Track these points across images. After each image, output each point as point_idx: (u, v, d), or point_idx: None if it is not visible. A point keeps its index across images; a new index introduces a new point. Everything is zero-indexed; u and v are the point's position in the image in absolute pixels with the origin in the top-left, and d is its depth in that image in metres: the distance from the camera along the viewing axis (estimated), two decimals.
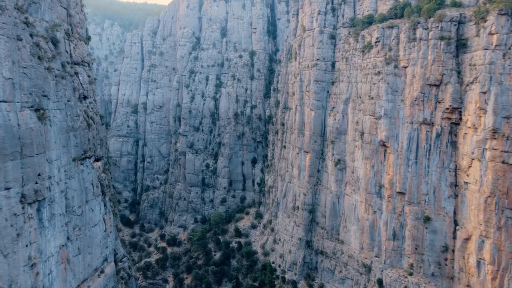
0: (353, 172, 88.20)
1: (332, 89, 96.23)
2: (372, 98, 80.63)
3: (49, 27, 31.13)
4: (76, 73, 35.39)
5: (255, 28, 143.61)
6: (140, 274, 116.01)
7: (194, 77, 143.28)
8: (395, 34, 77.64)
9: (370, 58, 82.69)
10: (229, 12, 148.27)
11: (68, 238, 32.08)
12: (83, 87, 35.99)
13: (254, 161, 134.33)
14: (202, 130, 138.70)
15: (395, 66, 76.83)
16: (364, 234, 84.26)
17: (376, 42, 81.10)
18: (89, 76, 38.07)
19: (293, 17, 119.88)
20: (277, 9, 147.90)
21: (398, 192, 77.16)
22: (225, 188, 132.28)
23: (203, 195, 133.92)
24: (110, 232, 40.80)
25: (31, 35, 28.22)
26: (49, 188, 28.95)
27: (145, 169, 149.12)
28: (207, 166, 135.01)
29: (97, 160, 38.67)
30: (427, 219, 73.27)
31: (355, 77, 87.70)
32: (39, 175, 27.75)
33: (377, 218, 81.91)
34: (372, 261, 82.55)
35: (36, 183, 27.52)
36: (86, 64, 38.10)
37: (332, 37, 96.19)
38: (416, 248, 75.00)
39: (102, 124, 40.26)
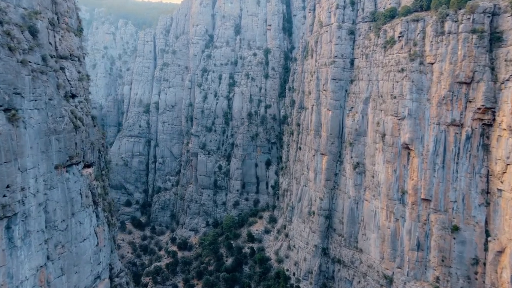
0: (373, 177, 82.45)
1: (351, 88, 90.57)
2: (395, 97, 74.78)
3: (26, 14, 26.94)
4: (62, 68, 31.24)
5: (270, 25, 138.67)
6: (149, 279, 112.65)
7: (207, 76, 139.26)
8: (420, 27, 71.60)
9: (393, 54, 76.78)
10: (243, 8, 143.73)
11: (48, 258, 27.88)
12: (70, 84, 31.82)
13: (268, 163, 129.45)
14: (215, 131, 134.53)
15: (421, 63, 70.80)
16: (385, 243, 78.41)
17: (399, 37, 75.16)
18: (79, 72, 33.90)
19: (309, 12, 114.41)
20: (293, 5, 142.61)
21: (423, 199, 71.14)
22: (238, 190, 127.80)
23: (215, 197, 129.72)
24: (104, 246, 36.57)
25: (0, 23, 24.01)
26: (22, 201, 24.77)
27: (156, 170, 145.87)
28: (220, 167, 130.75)
29: (87, 166, 34.51)
30: (455, 229, 67.06)
31: (376, 74, 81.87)
32: (7, 186, 23.58)
33: (400, 226, 76.01)
34: (393, 273, 76.68)
35: (4, 196, 23.34)
36: (76, 59, 33.93)
37: (351, 32, 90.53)
38: (442, 260, 68.93)
39: (95, 125, 36.04)
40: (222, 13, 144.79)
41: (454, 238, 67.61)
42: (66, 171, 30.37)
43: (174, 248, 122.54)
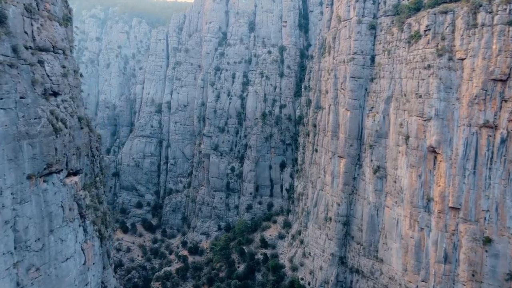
0: (395, 182, 76.63)
1: (371, 87, 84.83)
2: (420, 97, 68.86)
3: None
4: (41, 62, 27.00)
5: (286, 22, 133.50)
6: (159, 284, 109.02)
7: (219, 74, 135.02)
8: (449, 20, 65.53)
9: (418, 50, 70.85)
10: (258, 5, 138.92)
11: (18, 284, 23.64)
12: (51, 80, 27.59)
13: (282, 165, 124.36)
14: (228, 131, 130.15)
15: (450, 58, 64.76)
16: (409, 254, 72.53)
17: (425, 30, 69.18)
18: (63, 67, 29.67)
19: (327, 7, 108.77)
20: (309, 0, 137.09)
21: (451, 207, 65.13)
22: (251, 193, 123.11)
23: (227, 200, 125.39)
24: (93, 263, 32.32)
25: None
26: None
27: (168, 171, 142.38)
28: (232, 169, 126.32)
29: (72, 174, 30.25)
30: (488, 241, 60.93)
31: (399, 72, 75.99)
32: None
33: (425, 236, 70.07)
34: (417, 286, 70.79)
35: None
36: (60, 51, 29.72)
37: (372, 27, 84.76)
38: (473, 275, 62.83)
39: (82, 128, 31.72)
40: (236, 10, 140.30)
41: (486, 251, 61.54)
42: (44, 181, 26.18)
43: (185, 252, 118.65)
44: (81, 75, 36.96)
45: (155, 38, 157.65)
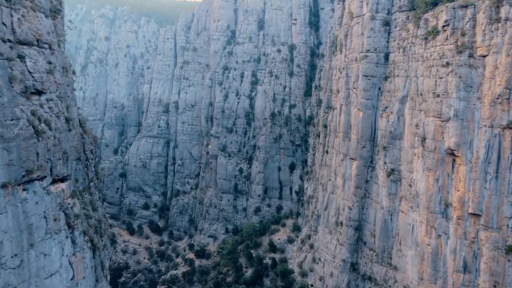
0: (410, 185, 72.87)
1: (385, 86, 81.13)
2: (438, 96, 65.07)
3: None
4: (22, 57, 24.27)
5: (295, 19, 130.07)
6: None
7: (228, 73, 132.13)
8: (470, 14, 61.65)
9: (436, 47, 67.07)
10: (267, 2, 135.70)
11: None
12: (33, 77, 24.85)
13: (292, 167, 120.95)
14: (236, 132, 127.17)
15: (470, 55, 60.92)
16: (425, 262, 68.74)
17: (444, 26, 65.36)
18: (49, 63, 26.91)
19: (338, 3, 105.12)
20: None
21: (471, 213, 61.24)
22: (259, 196, 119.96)
23: (235, 202, 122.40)
24: (83, 277, 29.55)
25: None
26: None
27: (175, 172, 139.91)
28: (241, 171, 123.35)
29: (59, 180, 27.51)
30: (511, 250, 56.97)
31: (415, 70, 72.22)
32: None
33: (442, 243, 66.23)
34: None
35: None
36: (46, 46, 26.97)
37: (386, 23, 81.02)
38: (494, 286, 58.94)
39: (70, 129, 28.92)
40: (244, 8, 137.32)
41: (509, 261, 57.55)
42: (23, 190, 23.47)
43: (192, 255, 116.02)
44: (73, 73, 34.27)
45: (163, 37, 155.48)
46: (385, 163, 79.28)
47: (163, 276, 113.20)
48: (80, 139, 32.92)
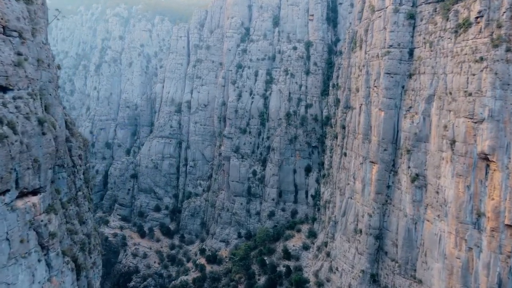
0: (437, 192, 66.87)
1: (409, 84, 75.24)
2: (470, 95, 59.03)
3: None
4: None
5: (312, 15, 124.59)
6: None
7: (241, 72, 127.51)
8: (507, 4, 55.56)
9: (468, 41, 60.98)
10: None
11: None
12: None
13: (308, 169, 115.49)
14: (249, 132, 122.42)
15: (507, 50, 54.91)
16: (454, 277, 62.65)
17: (477, 17, 59.28)
18: (18, 54, 22.63)
19: None
20: None
21: (507, 224, 55.21)
22: (273, 199, 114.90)
23: (248, 206, 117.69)
24: None
25: None
26: None
27: (187, 174, 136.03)
28: (254, 173, 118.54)
29: (31, 194, 23.21)
30: None
31: (443, 66, 66.21)
32: None
33: (474, 257, 60.12)
34: None
35: None
36: (15, 34, 22.73)
37: (411, 16, 75.09)
38: None
39: (44, 133, 24.56)
40: (259, 4, 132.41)
41: None
42: None
43: (203, 261, 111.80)
44: (59, 67, 29.99)
45: (176, 35, 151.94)
46: (409, 167, 73.47)
47: (173, 282, 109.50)
48: (63, 144, 28.60)
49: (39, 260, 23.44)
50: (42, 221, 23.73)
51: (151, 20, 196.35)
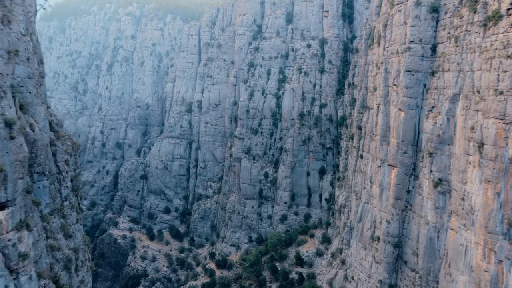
0: (463, 199, 61.89)
1: (432, 82, 70.30)
2: (501, 93, 54.04)
3: None
4: None
5: (327, 11, 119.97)
6: None
7: (253, 71, 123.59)
8: None
9: (498, 35, 55.92)
10: None
11: None
12: None
13: (322, 172, 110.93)
14: (261, 133, 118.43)
15: None
16: None
17: (509, 9, 54.33)
18: None
19: None
20: None
21: None
22: (286, 203, 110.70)
23: (259, 209, 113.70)
24: None
25: None
26: None
27: (198, 175, 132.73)
28: (266, 175, 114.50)
29: None
30: None
31: (470, 63, 61.16)
32: None
33: (504, 270, 55.06)
34: None
35: None
36: None
37: (434, 10, 70.09)
38: None
39: (12, 137, 20.99)
40: (272, 0, 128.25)
41: None
42: None
43: (212, 265, 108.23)
44: (41, 62, 26.45)
45: (187, 34, 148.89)
46: (431, 171, 68.62)
47: (182, 286, 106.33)
48: (44, 148, 25.08)
49: (6, 286, 19.97)
50: (9, 240, 20.25)
51: (163, 19, 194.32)
